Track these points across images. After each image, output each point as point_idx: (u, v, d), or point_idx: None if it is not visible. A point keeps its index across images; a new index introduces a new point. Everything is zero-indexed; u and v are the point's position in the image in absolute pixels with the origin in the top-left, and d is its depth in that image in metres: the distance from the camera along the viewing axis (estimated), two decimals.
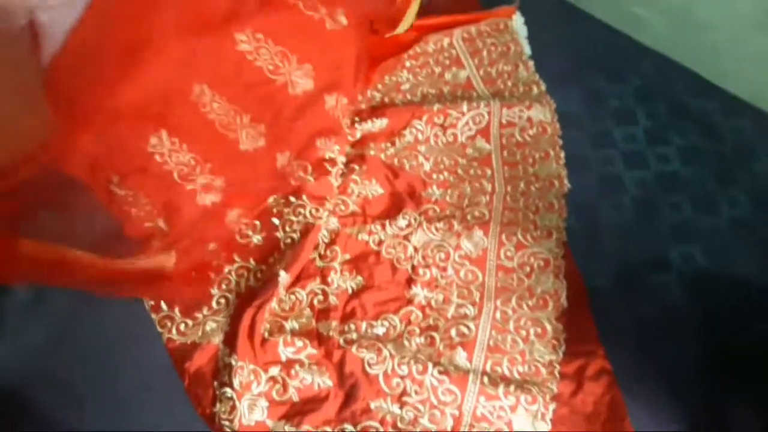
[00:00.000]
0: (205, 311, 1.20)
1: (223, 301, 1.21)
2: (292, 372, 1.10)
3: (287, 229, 1.29)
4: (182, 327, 1.18)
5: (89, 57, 1.25)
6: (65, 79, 1.25)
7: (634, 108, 1.44)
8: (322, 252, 1.26)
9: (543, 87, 1.45)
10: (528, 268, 1.20)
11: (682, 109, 1.43)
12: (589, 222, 1.28)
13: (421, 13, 1.58)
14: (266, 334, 1.13)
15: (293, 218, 1.29)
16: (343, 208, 1.32)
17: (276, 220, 1.30)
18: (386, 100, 1.48)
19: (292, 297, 1.20)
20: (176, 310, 1.20)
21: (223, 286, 1.23)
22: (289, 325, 1.17)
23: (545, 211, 1.28)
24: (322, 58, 1.37)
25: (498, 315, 1.15)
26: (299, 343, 1.12)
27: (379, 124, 1.41)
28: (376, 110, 1.45)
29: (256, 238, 1.29)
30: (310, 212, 1.28)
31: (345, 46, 1.39)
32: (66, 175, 1.27)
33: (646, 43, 1.55)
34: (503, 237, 1.24)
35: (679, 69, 1.51)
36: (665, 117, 1.42)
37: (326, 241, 1.28)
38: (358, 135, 1.41)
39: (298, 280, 1.22)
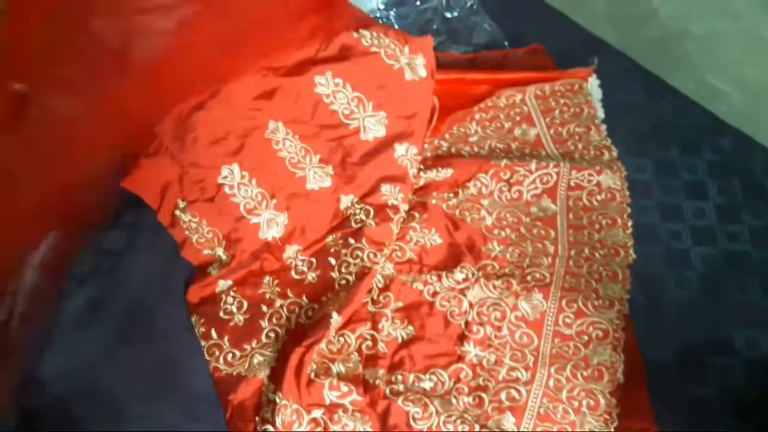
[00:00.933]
0: (254, 344, 1.22)
1: (272, 335, 1.23)
2: (335, 417, 1.11)
3: (343, 270, 1.31)
4: (230, 357, 1.21)
5: (172, 80, 1.32)
6: (146, 102, 1.32)
7: (706, 182, 1.42)
8: (375, 297, 1.27)
9: (614, 153, 1.45)
10: (586, 338, 1.19)
11: (757, 188, 1.40)
12: (652, 295, 1.26)
13: (497, 67, 1.62)
14: (312, 375, 1.15)
15: (350, 260, 1.31)
16: (399, 254, 1.33)
17: (333, 260, 1.32)
18: (453, 150, 1.50)
19: (341, 339, 1.22)
20: (225, 339, 1.23)
21: (274, 320, 1.26)
22: (335, 368, 1.18)
23: (608, 280, 1.26)
24: (397, 107, 1.42)
25: (551, 383, 1.14)
26: (345, 389, 1.13)
27: (443, 173, 1.43)
28: (441, 159, 1.47)
29: (311, 276, 1.32)
30: (368, 256, 1.30)
31: (421, 97, 1.44)
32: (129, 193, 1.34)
33: (724, 117, 1.54)
34: (563, 303, 1.23)
35: (755, 146, 1.49)
36: (738, 195, 1.40)
37: (380, 286, 1.29)
38: (422, 182, 1.44)
39: (348, 323, 1.23)
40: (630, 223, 1.35)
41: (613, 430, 1.08)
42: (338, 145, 1.39)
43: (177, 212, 1.32)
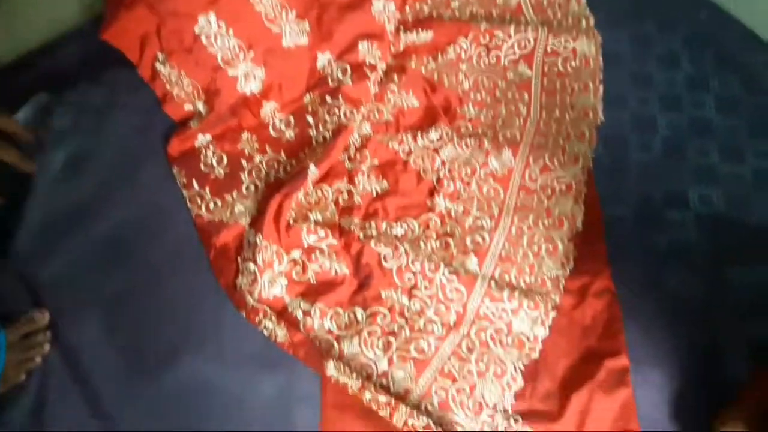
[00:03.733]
0: (234, 194, 1.33)
1: (252, 187, 1.33)
2: (313, 257, 1.23)
3: (320, 128, 1.40)
4: (211, 206, 1.32)
5: None
6: None
7: (679, 54, 1.52)
8: (352, 155, 1.37)
9: (592, 21, 1.52)
10: (550, 191, 1.31)
11: (728, 60, 1.50)
12: (618, 157, 1.38)
13: None
14: (291, 221, 1.27)
15: (327, 118, 1.40)
16: (377, 115, 1.43)
17: (310, 118, 1.41)
18: (434, 14, 1.57)
19: (319, 192, 1.32)
20: (207, 189, 1.33)
21: (254, 174, 1.36)
22: (313, 216, 1.29)
23: (576, 138, 1.38)
24: None
25: (513, 230, 1.27)
26: (321, 233, 1.25)
27: (423, 36, 1.50)
28: (422, 22, 1.54)
29: (289, 134, 1.41)
30: (344, 113, 1.39)
31: None
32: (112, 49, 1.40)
33: None
34: (530, 159, 1.35)
35: (732, 22, 1.56)
36: (709, 65, 1.49)
37: (357, 145, 1.39)
38: (402, 46, 1.51)
39: (325, 178, 1.34)
40: (601, 88, 1.45)
41: (569, 271, 1.23)
42: (315, 0, 1.44)
43: (157, 65, 1.38)
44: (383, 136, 1.41)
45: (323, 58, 1.45)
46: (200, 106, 1.41)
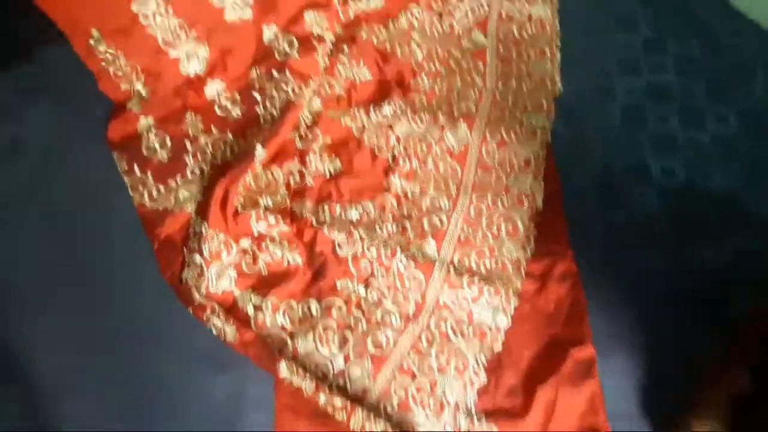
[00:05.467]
0: (178, 179, 1.20)
1: (197, 171, 1.21)
2: (263, 246, 1.12)
3: (268, 104, 1.27)
4: (154, 193, 1.19)
5: None
6: None
7: (637, 13, 1.40)
8: (303, 133, 1.25)
9: None
10: (508, 167, 1.21)
11: (686, 19, 1.40)
12: (576, 127, 1.28)
13: None
14: (239, 207, 1.14)
15: (275, 93, 1.27)
16: (328, 90, 1.30)
17: (257, 95, 1.28)
18: None
19: (269, 175, 1.20)
20: (149, 174, 1.20)
21: (199, 157, 1.23)
22: (263, 201, 1.17)
23: (533, 110, 1.28)
24: None
25: (472, 210, 1.17)
26: (272, 219, 1.14)
27: (374, 3, 1.37)
28: None
29: (236, 112, 1.28)
30: (293, 89, 1.27)
31: None
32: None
33: None
34: (487, 133, 1.24)
35: None
36: (668, 25, 1.39)
37: (308, 122, 1.27)
38: (351, 15, 1.38)
39: (275, 159, 1.22)
40: (558, 56, 1.34)
41: (530, 254, 1.13)
42: None
43: (91, 42, 1.23)
44: (335, 112, 1.29)
45: (269, 31, 1.31)
46: (140, 87, 1.26)
